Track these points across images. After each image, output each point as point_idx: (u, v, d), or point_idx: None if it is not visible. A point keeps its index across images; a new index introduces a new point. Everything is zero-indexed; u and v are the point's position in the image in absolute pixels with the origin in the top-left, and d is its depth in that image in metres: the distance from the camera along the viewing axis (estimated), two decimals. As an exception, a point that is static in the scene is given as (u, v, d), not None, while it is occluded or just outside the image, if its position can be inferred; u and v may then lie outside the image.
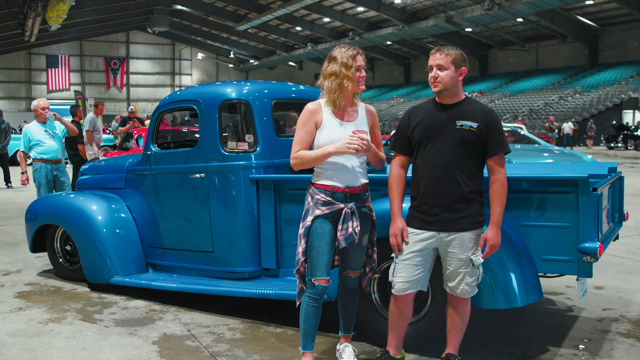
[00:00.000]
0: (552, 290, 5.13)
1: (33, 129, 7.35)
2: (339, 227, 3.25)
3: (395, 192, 3.32)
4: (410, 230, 3.27)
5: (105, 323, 4.42)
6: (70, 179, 8.29)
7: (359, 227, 3.28)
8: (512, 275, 3.45)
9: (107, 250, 5.12)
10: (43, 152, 7.29)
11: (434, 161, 3.20)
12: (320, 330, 3.45)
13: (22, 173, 7.76)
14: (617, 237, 4.44)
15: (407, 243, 3.26)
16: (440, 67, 3.18)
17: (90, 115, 11.19)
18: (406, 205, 3.36)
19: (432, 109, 3.29)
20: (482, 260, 3.22)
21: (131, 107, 16.61)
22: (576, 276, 3.52)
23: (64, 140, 7.75)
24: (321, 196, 3.27)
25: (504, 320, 4.37)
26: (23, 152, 7.50)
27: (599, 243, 3.38)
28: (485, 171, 3.27)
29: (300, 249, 3.30)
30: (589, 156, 11.10)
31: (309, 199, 3.32)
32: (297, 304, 3.38)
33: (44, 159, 7.28)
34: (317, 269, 3.27)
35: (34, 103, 7.52)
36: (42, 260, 6.33)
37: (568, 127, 30.28)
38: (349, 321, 3.59)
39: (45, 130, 7.34)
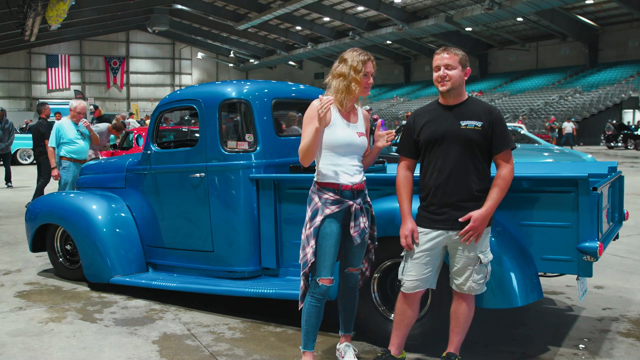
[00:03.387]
0: (552, 289, 5.13)
1: (67, 127, 7.45)
2: (351, 224, 3.28)
3: (404, 193, 3.34)
4: (419, 229, 3.29)
5: (105, 322, 4.42)
6: None
7: (367, 222, 3.34)
8: (512, 275, 3.45)
9: (107, 249, 5.12)
10: (74, 151, 7.39)
11: (442, 162, 3.23)
12: (320, 330, 3.44)
13: (53, 168, 7.78)
14: (617, 237, 4.44)
15: (417, 244, 3.27)
16: (449, 67, 3.20)
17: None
18: (415, 204, 3.37)
19: (436, 110, 3.31)
20: (490, 258, 3.24)
21: (92, 105, 16.32)
22: (576, 276, 3.52)
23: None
24: (330, 195, 3.27)
25: (504, 320, 4.37)
26: (53, 147, 7.59)
27: (599, 242, 3.39)
28: (492, 169, 3.29)
29: (309, 250, 3.25)
30: (589, 156, 11.10)
31: (316, 199, 3.30)
32: (300, 306, 3.37)
33: (74, 158, 7.37)
34: (323, 269, 3.27)
35: (73, 103, 7.68)
36: (42, 259, 6.33)
37: (570, 126, 30.24)
38: (349, 320, 3.59)
39: (78, 130, 7.46)
